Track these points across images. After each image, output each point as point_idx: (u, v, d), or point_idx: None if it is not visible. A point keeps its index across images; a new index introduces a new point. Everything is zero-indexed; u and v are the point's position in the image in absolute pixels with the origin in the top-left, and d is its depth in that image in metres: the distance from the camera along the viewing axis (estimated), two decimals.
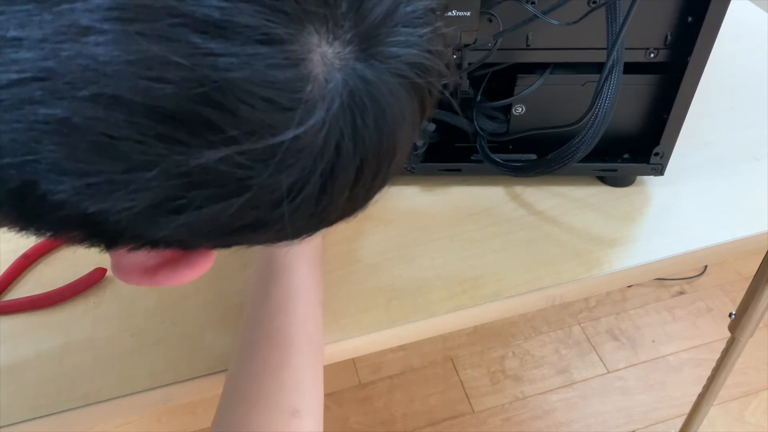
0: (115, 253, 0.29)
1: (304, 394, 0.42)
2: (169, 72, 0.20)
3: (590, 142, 0.49)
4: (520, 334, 1.49)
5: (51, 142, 0.20)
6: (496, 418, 1.33)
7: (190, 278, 0.30)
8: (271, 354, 0.42)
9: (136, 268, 0.30)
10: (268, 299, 0.45)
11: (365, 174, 0.25)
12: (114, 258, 0.30)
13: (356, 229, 0.58)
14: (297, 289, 0.45)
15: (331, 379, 1.40)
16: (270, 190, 0.23)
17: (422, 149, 0.59)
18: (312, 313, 0.46)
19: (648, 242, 0.56)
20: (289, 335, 0.43)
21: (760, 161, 0.64)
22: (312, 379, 0.43)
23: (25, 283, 0.54)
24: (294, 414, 0.40)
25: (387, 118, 0.24)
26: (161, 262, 0.30)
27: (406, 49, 0.24)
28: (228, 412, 0.41)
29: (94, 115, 0.20)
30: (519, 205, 0.60)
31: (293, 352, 0.43)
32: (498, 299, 0.52)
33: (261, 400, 0.41)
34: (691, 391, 1.32)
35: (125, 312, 0.52)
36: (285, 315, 0.44)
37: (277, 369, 0.42)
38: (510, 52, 0.53)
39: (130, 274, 0.30)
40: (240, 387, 0.42)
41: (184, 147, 0.21)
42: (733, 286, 1.57)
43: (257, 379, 0.42)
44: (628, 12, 0.46)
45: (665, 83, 0.55)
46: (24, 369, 0.48)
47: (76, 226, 0.23)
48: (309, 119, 0.22)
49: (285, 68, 0.21)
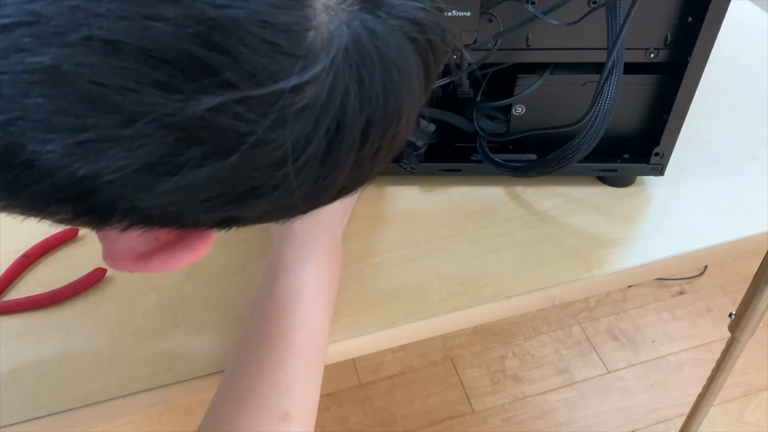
0: (106, 237, 0.28)
1: (297, 398, 0.41)
2: (166, 9, 0.18)
3: (590, 142, 0.49)
4: (520, 334, 1.49)
5: (38, 95, 0.18)
6: (496, 418, 1.33)
7: (186, 261, 0.28)
8: (268, 354, 0.42)
9: (128, 254, 0.28)
10: (271, 299, 0.45)
11: (372, 135, 0.24)
12: (106, 243, 0.28)
13: (356, 229, 0.58)
14: (301, 291, 0.45)
15: (331, 379, 1.40)
16: (272, 147, 0.22)
17: (422, 149, 0.59)
18: (315, 316, 0.45)
19: (648, 242, 0.56)
20: (289, 337, 0.42)
21: (760, 161, 0.64)
22: (307, 384, 0.42)
23: (25, 283, 0.54)
24: (284, 418, 0.39)
25: (393, 75, 0.23)
26: (156, 247, 0.28)
27: (414, 3, 0.23)
28: (219, 408, 0.41)
29: (85, 61, 0.18)
30: (519, 205, 0.60)
31: (290, 355, 0.42)
32: (498, 299, 0.52)
33: (252, 399, 0.40)
34: (691, 391, 1.32)
35: (125, 312, 0.52)
36: (286, 316, 0.43)
37: (272, 370, 0.41)
38: (510, 52, 0.53)
39: (123, 260, 0.28)
40: (233, 384, 0.42)
41: (180, 95, 0.19)
42: (733, 286, 1.57)
43: (251, 378, 0.41)
44: (628, 12, 0.46)
45: (665, 83, 0.55)
46: (24, 369, 0.48)
47: (65, 198, 0.21)
48: (312, 68, 0.21)
49: (288, 10, 0.20)
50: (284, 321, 0.43)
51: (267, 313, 0.44)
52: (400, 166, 0.58)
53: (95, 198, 0.21)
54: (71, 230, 0.57)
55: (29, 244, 0.56)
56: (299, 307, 0.44)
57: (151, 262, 0.28)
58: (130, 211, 0.23)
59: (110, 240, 0.28)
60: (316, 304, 0.45)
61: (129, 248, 0.28)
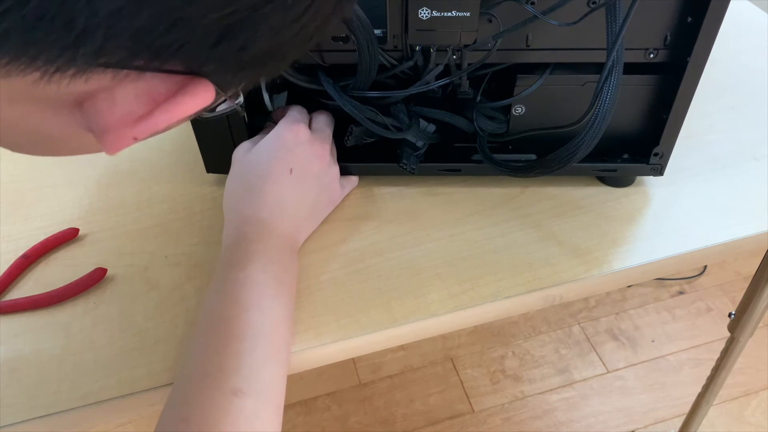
0: (98, 113, 0.25)
1: (249, 376, 0.42)
2: None
3: (590, 142, 0.49)
4: (520, 334, 1.49)
5: None
6: (496, 418, 1.33)
7: (192, 109, 0.26)
8: (210, 340, 0.44)
9: (128, 119, 0.25)
10: (216, 293, 0.47)
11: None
12: (98, 120, 0.26)
13: (356, 229, 0.58)
14: (244, 283, 0.46)
15: (331, 379, 1.40)
16: None
17: (422, 150, 0.59)
18: (259, 302, 0.46)
19: (648, 242, 0.56)
20: (229, 323, 0.44)
21: (760, 161, 0.64)
22: (256, 363, 0.43)
23: (25, 283, 0.54)
24: (235, 393, 0.41)
25: None
26: (154, 107, 0.26)
27: None
28: (173, 396, 0.43)
29: None
30: (518, 205, 0.60)
31: (233, 339, 0.43)
32: (498, 299, 0.52)
33: (202, 380, 0.42)
34: (690, 391, 1.32)
35: (125, 312, 0.52)
36: (227, 305, 0.45)
37: (217, 354, 0.43)
38: (510, 52, 0.53)
39: (124, 128, 0.26)
40: (185, 372, 0.44)
41: None
42: (732, 286, 1.57)
43: (199, 363, 0.43)
44: (628, 12, 0.46)
45: (665, 83, 0.55)
46: (24, 369, 0.48)
47: None
48: None
49: None
50: (225, 310, 0.45)
51: (212, 305, 0.46)
52: (400, 167, 0.58)
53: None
54: (71, 230, 0.57)
55: (29, 244, 0.56)
56: (240, 295, 0.46)
57: (154, 117, 0.26)
58: (124, 48, 0.22)
59: (103, 113, 0.25)
60: (259, 291, 0.46)
61: (126, 113, 0.25)
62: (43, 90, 0.23)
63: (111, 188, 0.63)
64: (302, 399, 1.37)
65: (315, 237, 0.57)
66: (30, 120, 0.26)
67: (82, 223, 0.59)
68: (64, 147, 0.29)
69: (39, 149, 0.29)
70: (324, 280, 0.53)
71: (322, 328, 0.50)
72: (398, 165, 0.58)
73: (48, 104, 0.25)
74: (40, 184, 0.63)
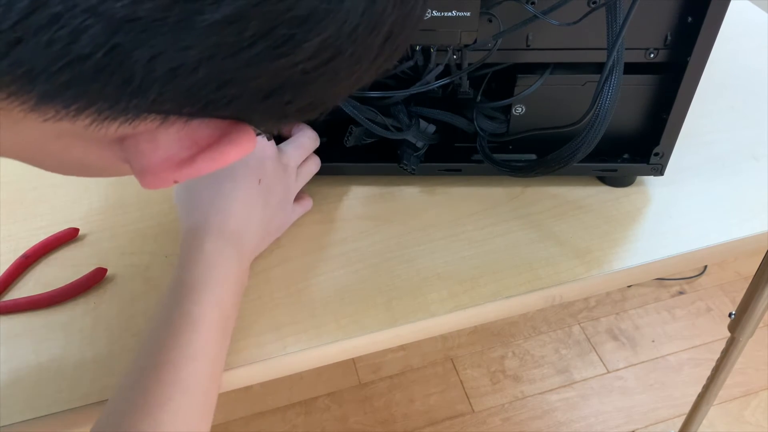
0: (139, 151, 0.26)
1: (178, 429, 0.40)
2: None
3: (590, 142, 0.49)
4: (520, 334, 1.49)
5: None
6: (496, 418, 1.33)
7: (234, 157, 0.26)
8: (155, 388, 0.40)
9: (169, 163, 0.26)
10: (167, 325, 0.43)
11: None
12: (139, 159, 0.26)
13: (356, 229, 0.58)
14: (197, 321, 0.43)
15: (331, 379, 1.40)
16: None
17: (422, 150, 0.59)
18: (206, 349, 0.43)
19: (648, 242, 0.56)
20: (177, 371, 0.41)
21: (760, 161, 0.64)
22: (194, 423, 0.41)
23: (25, 283, 0.54)
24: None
25: None
26: (197, 150, 0.26)
27: None
28: (101, 419, 0.40)
29: None
30: (519, 205, 0.60)
31: (176, 391, 0.40)
32: (498, 299, 0.52)
33: (130, 414, 0.39)
34: (690, 391, 1.32)
35: (125, 312, 0.52)
36: (177, 347, 0.42)
37: (157, 407, 0.39)
38: (510, 52, 0.53)
39: (165, 171, 0.26)
40: (117, 415, 0.41)
41: None
42: (732, 286, 1.57)
43: (135, 414, 0.40)
44: (628, 12, 0.46)
45: (665, 83, 0.55)
46: (24, 369, 0.48)
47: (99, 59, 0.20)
48: None
49: None
50: (174, 351, 0.42)
51: (159, 340, 0.42)
52: (400, 167, 0.58)
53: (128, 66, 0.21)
54: (71, 230, 0.57)
55: (29, 244, 0.56)
56: (192, 338, 0.42)
57: (197, 163, 0.26)
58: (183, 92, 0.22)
59: (145, 154, 0.26)
60: (210, 335, 0.43)
61: (168, 157, 0.26)
62: (90, 131, 0.23)
63: (111, 188, 0.63)
64: (302, 399, 1.37)
65: (314, 237, 0.57)
66: (73, 152, 0.26)
67: (82, 223, 0.59)
68: (102, 172, 0.30)
69: (77, 173, 0.30)
70: (324, 280, 0.53)
71: (322, 328, 0.50)
72: (398, 165, 0.58)
73: (92, 141, 0.26)
74: (40, 184, 0.63)
